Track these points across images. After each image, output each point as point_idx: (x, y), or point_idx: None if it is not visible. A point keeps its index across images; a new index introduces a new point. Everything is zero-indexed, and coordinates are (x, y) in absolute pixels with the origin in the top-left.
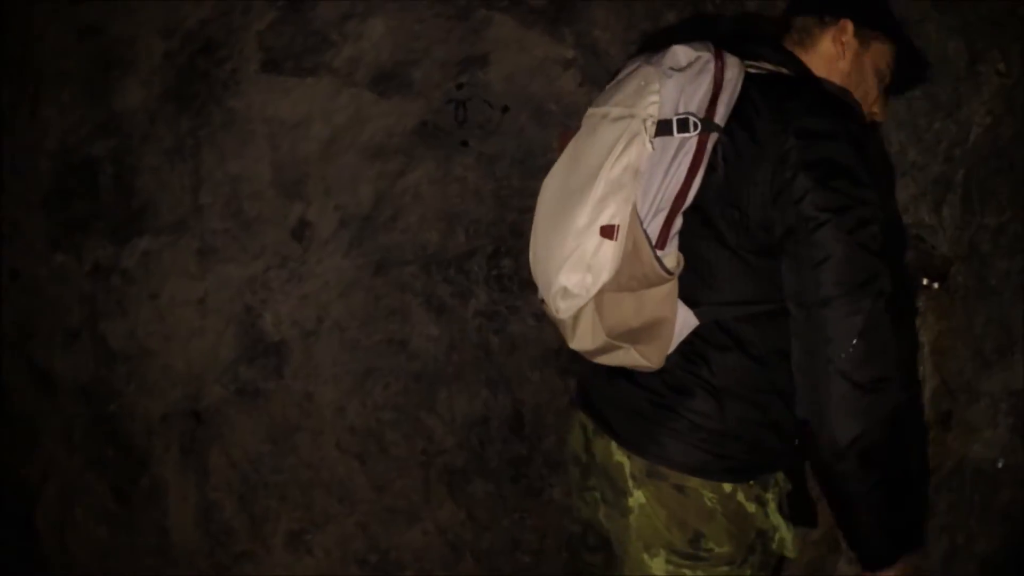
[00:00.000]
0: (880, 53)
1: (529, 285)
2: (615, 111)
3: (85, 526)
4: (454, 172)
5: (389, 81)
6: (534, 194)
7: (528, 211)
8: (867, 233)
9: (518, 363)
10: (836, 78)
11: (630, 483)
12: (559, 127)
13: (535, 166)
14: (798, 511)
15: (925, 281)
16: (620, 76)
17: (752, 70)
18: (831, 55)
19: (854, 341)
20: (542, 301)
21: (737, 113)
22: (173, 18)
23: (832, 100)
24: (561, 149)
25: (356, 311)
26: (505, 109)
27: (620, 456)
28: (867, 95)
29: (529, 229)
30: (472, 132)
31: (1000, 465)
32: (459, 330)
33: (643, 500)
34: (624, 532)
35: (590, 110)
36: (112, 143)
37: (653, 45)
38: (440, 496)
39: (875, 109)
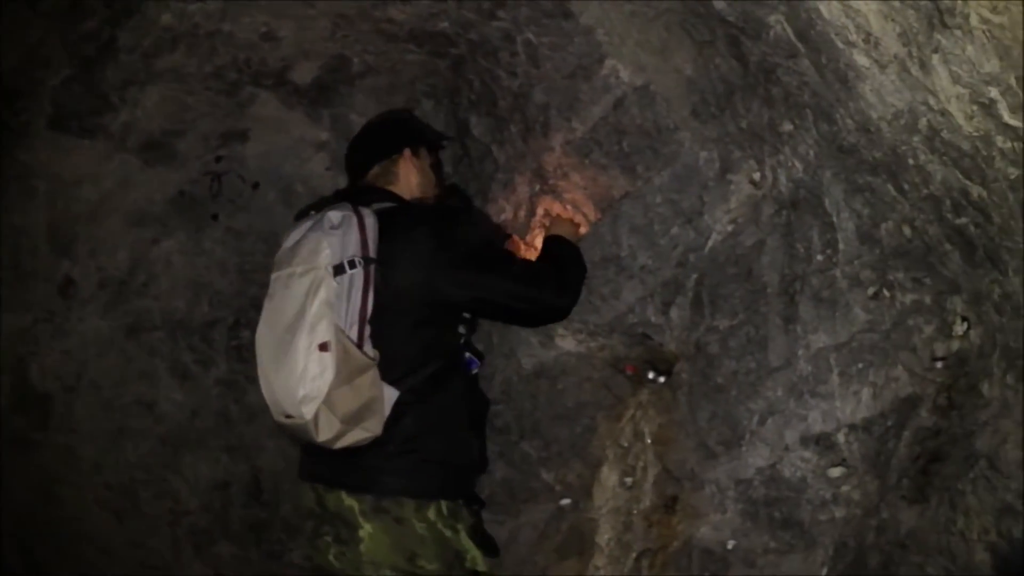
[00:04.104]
0: (427, 154)
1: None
2: (299, 268)
3: None
4: (203, 244)
5: (156, 149)
6: None
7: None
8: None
9: (256, 432)
10: (418, 192)
11: (360, 519)
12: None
13: (278, 244)
14: (483, 543)
15: (651, 375)
16: (289, 243)
17: (377, 208)
18: (408, 179)
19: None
20: (287, 416)
21: (382, 239)
22: None
23: (421, 209)
24: None
25: (111, 371)
26: (256, 185)
27: (350, 501)
28: (431, 186)
29: None
30: (224, 206)
31: (730, 546)
32: (202, 397)
33: (371, 530)
34: (357, 559)
35: (274, 274)
36: None
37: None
38: (189, 555)
39: (438, 191)
